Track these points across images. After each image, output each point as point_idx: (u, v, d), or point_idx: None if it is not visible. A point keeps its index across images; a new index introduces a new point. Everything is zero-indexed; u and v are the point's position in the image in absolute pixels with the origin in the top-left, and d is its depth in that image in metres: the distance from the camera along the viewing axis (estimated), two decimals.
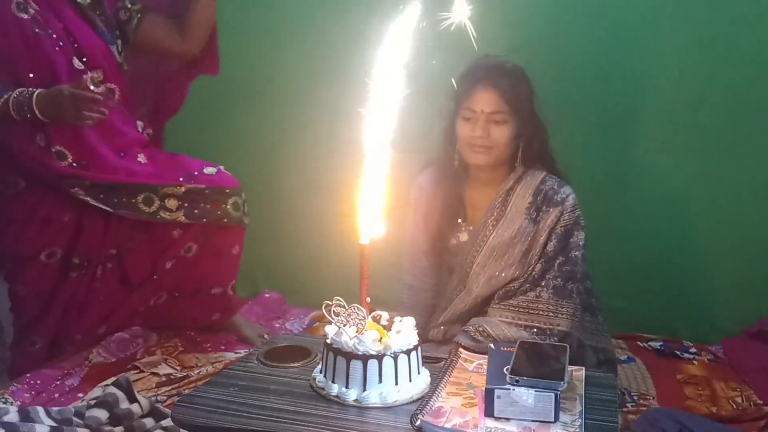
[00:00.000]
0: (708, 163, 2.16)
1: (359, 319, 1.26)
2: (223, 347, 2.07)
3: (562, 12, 2.19)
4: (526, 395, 1.16)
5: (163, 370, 1.87)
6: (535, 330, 1.66)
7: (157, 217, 1.88)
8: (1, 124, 1.74)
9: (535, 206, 1.74)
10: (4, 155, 1.81)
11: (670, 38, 2.12)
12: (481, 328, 1.69)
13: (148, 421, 1.56)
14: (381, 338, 1.25)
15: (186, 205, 1.91)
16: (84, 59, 1.81)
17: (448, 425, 1.15)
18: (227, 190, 1.96)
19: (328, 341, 1.27)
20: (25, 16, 1.73)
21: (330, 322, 1.27)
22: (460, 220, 1.84)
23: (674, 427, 1.21)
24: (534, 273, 1.73)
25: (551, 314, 1.68)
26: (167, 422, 1.53)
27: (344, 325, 1.26)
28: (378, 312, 1.32)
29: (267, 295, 2.47)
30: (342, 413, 1.20)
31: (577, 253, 1.71)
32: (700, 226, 2.19)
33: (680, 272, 2.21)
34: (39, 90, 1.69)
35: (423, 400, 1.23)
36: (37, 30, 1.74)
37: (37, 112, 1.68)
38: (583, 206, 1.92)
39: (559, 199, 1.73)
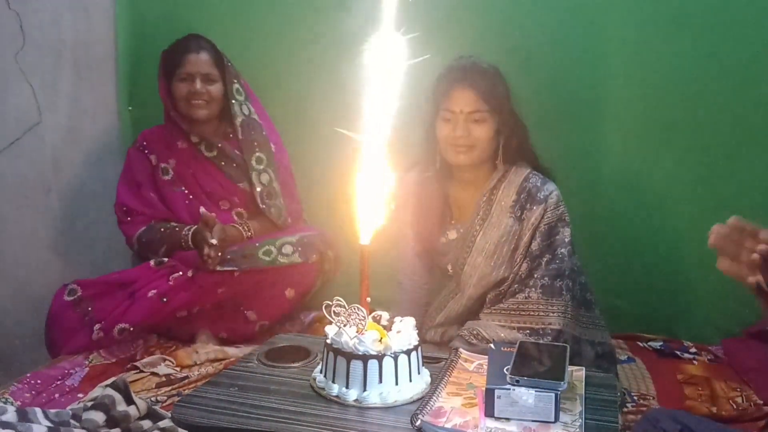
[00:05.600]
0: (708, 163, 2.16)
1: (359, 319, 1.25)
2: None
3: (550, 11, 2.20)
4: (526, 395, 1.16)
5: (163, 370, 1.86)
6: (527, 331, 1.67)
7: (276, 263, 2.05)
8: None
9: (519, 204, 1.75)
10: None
11: (666, 38, 2.12)
12: (475, 332, 1.70)
13: (146, 423, 1.55)
14: (381, 338, 1.25)
15: (300, 249, 2.09)
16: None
17: (448, 425, 1.15)
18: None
19: (329, 341, 1.27)
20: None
21: (330, 322, 1.27)
22: (448, 218, 1.85)
23: (675, 428, 1.21)
24: (521, 273, 1.73)
25: (542, 314, 1.68)
26: (165, 423, 1.52)
27: (344, 325, 1.26)
28: (378, 312, 1.32)
29: None
30: (342, 413, 1.20)
31: (563, 250, 1.72)
32: (701, 226, 2.16)
33: (680, 272, 2.21)
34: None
35: (423, 400, 1.23)
36: (174, 189, 2.19)
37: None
38: (583, 207, 1.92)
39: (542, 197, 1.73)
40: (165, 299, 1.99)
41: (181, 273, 2.02)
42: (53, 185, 2.50)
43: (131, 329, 1.98)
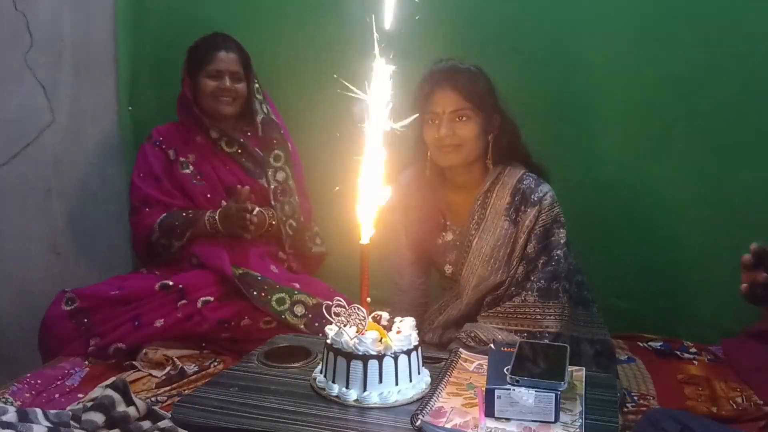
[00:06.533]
0: (707, 163, 2.16)
1: (359, 320, 1.26)
2: None
3: (548, 11, 2.20)
4: (526, 395, 1.16)
5: (160, 371, 1.86)
6: (525, 335, 1.66)
7: (282, 317, 1.99)
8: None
9: (514, 207, 1.74)
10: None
11: (666, 36, 2.13)
12: (473, 334, 1.70)
13: (145, 424, 1.55)
14: (381, 338, 1.25)
15: (310, 316, 2.01)
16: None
17: (448, 425, 1.15)
18: None
19: (329, 341, 1.27)
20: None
21: (330, 322, 1.27)
22: (443, 220, 1.85)
23: (675, 427, 1.21)
24: (517, 276, 1.73)
25: (539, 317, 1.68)
26: (164, 424, 1.52)
27: (345, 326, 1.26)
28: (378, 312, 1.32)
29: None
30: (342, 413, 1.20)
31: (558, 252, 1.71)
32: (700, 227, 2.19)
33: (680, 272, 2.22)
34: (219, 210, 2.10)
35: (423, 401, 1.23)
36: (194, 181, 2.17)
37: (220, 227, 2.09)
38: (583, 206, 1.92)
39: (536, 199, 1.72)
40: (168, 329, 1.96)
41: (186, 301, 1.98)
42: (53, 185, 2.49)
43: (125, 348, 1.94)
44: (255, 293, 2.00)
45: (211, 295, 2.00)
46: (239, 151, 2.22)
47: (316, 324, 1.98)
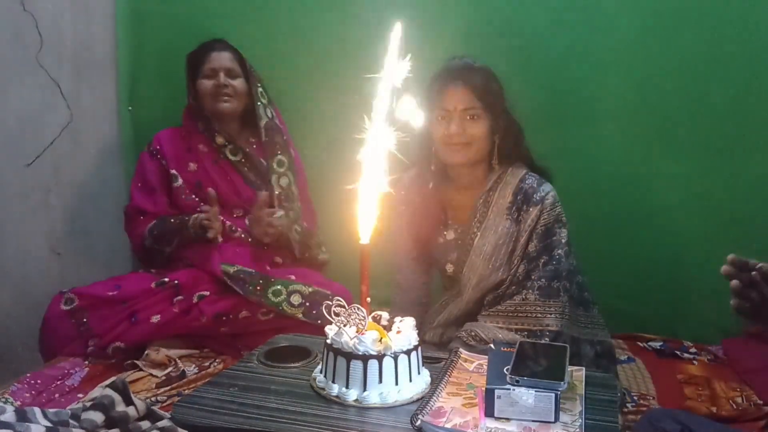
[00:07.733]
0: (708, 163, 2.16)
1: (359, 319, 1.26)
2: None
3: (548, 10, 2.21)
4: (526, 395, 1.16)
5: (161, 371, 1.86)
6: (525, 333, 1.66)
7: (279, 308, 2.00)
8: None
9: (516, 206, 1.75)
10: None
11: (666, 35, 2.13)
12: (473, 333, 1.70)
13: (144, 424, 1.55)
14: (381, 338, 1.25)
15: (308, 304, 2.01)
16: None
17: (448, 425, 1.15)
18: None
19: (329, 341, 1.27)
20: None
21: (329, 310, 1.27)
22: (445, 218, 1.85)
23: (675, 427, 1.21)
24: (518, 275, 1.73)
25: (540, 315, 1.68)
26: (163, 423, 1.52)
27: (344, 325, 1.26)
28: (378, 312, 1.32)
29: None
30: (342, 413, 1.20)
31: (560, 251, 1.71)
32: (701, 226, 2.19)
33: (680, 272, 2.22)
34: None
35: (423, 401, 1.23)
36: (183, 196, 2.16)
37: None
38: (583, 206, 1.91)
39: (538, 198, 1.73)
40: (165, 324, 1.96)
41: (182, 297, 1.98)
42: (53, 185, 2.50)
43: (124, 347, 1.94)
44: (250, 288, 2.00)
45: (206, 291, 2.00)
46: (243, 159, 2.21)
47: (314, 312, 1.98)
